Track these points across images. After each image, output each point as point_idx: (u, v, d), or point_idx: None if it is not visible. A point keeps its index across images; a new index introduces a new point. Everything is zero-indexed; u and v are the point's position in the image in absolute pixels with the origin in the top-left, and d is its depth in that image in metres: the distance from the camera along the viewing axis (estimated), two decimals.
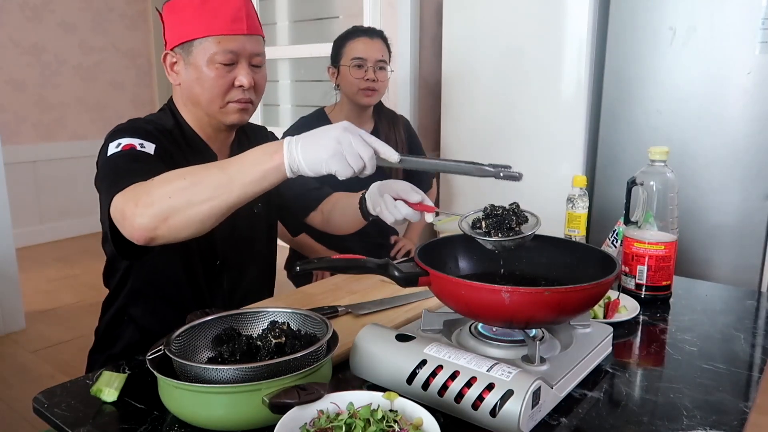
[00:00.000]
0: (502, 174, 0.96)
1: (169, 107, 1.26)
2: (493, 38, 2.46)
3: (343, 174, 0.87)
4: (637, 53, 2.23)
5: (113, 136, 1.11)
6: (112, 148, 1.06)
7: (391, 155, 0.89)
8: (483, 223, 0.99)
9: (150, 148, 1.07)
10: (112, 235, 0.99)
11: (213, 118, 1.22)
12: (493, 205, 0.99)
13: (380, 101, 2.10)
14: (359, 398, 0.76)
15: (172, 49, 1.19)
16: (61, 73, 4.07)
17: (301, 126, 2.05)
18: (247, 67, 1.17)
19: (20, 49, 3.84)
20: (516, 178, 0.95)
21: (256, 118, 3.73)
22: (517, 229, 0.96)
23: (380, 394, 0.76)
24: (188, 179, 0.89)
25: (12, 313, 2.93)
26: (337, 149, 0.86)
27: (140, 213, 0.89)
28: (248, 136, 1.40)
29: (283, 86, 3.68)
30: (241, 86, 1.17)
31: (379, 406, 0.73)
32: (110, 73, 4.38)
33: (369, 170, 0.88)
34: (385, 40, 2.00)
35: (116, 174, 1.00)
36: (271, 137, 1.46)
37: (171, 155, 1.14)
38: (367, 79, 1.91)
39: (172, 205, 0.88)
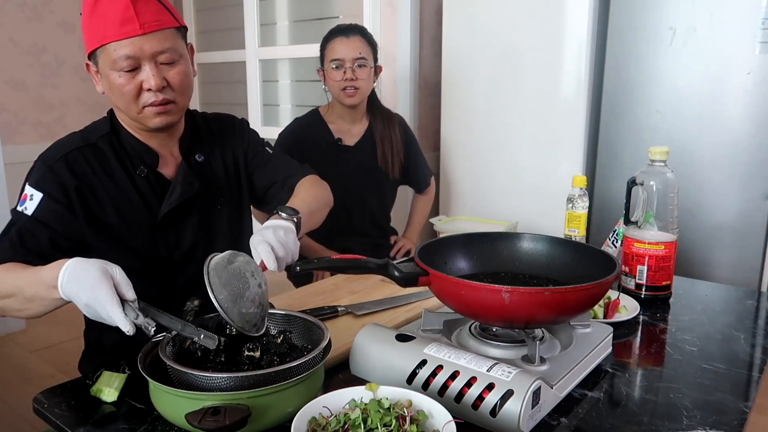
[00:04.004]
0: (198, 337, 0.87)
1: (110, 110, 1.24)
2: (493, 38, 2.45)
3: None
4: (637, 53, 2.22)
5: (30, 173, 1.15)
6: (24, 191, 1.12)
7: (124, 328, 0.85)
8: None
9: (36, 200, 1.10)
10: None
11: (138, 122, 1.18)
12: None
13: (376, 100, 2.09)
14: (342, 396, 0.76)
15: (88, 58, 1.15)
16: (61, 73, 4.07)
17: (296, 126, 2.04)
18: (153, 68, 1.10)
19: (20, 49, 3.84)
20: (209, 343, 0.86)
21: (256, 119, 3.73)
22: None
23: (361, 387, 0.77)
24: (6, 290, 0.98)
25: None
26: (91, 314, 0.88)
27: None
28: (210, 127, 1.34)
29: (283, 86, 3.68)
30: (149, 89, 1.11)
31: (387, 398, 0.74)
32: None
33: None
34: (365, 35, 1.97)
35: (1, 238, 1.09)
36: (239, 126, 1.39)
37: (83, 179, 1.14)
38: (346, 79, 1.90)
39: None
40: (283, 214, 1.09)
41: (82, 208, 1.13)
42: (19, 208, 1.11)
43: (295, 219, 1.09)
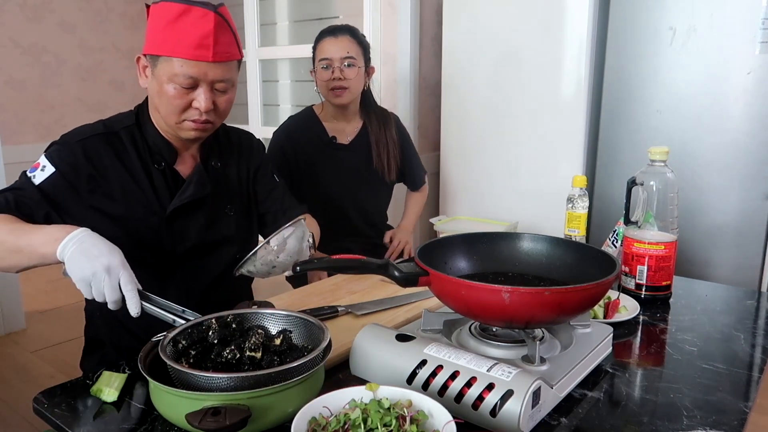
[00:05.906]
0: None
1: (140, 105, 1.27)
2: (493, 38, 2.45)
3: (86, 295, 0.96)
4: (637, 53, 2.22)
5: (49, 147, 1.19)
6: (38, 161, 1.17)
7: (132, 310, 0.94)
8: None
9: (47, 172, 1.14)
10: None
11: (171, 129, 1.22)
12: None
13: (371, 99, 2.08)
14: (342, 396, 0.76)
15: (144, 55, 1.19)
16: (61, 73, 4.07)
17: (290, 124, 2.04)
18: (208, 91, 1.16)
19: (20, 49, 3.84)
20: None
21: (256, 119, 3.73)
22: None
23: (361, 387, 0.77)
24: None
25: (12, 313, 2.93)
26: (87, 279, 0.94)
27: None
28: (230, 138, 1.39)
29: (283, 86, 3.68)
30: (198, 108, 1.16)
31: (387, 398, 0.74)
32: (110, 73, 4.37)
33: (112, 307, 0.95)
34: (355, 35, 1.96)
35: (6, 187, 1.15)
36: (256, 145, 1.45)
37: (95, 163, 1.18)
38: (334, 79, 1.90)
39: None
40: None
41: (89, 194, 1.17)
42: (28, 174, 1.15)
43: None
